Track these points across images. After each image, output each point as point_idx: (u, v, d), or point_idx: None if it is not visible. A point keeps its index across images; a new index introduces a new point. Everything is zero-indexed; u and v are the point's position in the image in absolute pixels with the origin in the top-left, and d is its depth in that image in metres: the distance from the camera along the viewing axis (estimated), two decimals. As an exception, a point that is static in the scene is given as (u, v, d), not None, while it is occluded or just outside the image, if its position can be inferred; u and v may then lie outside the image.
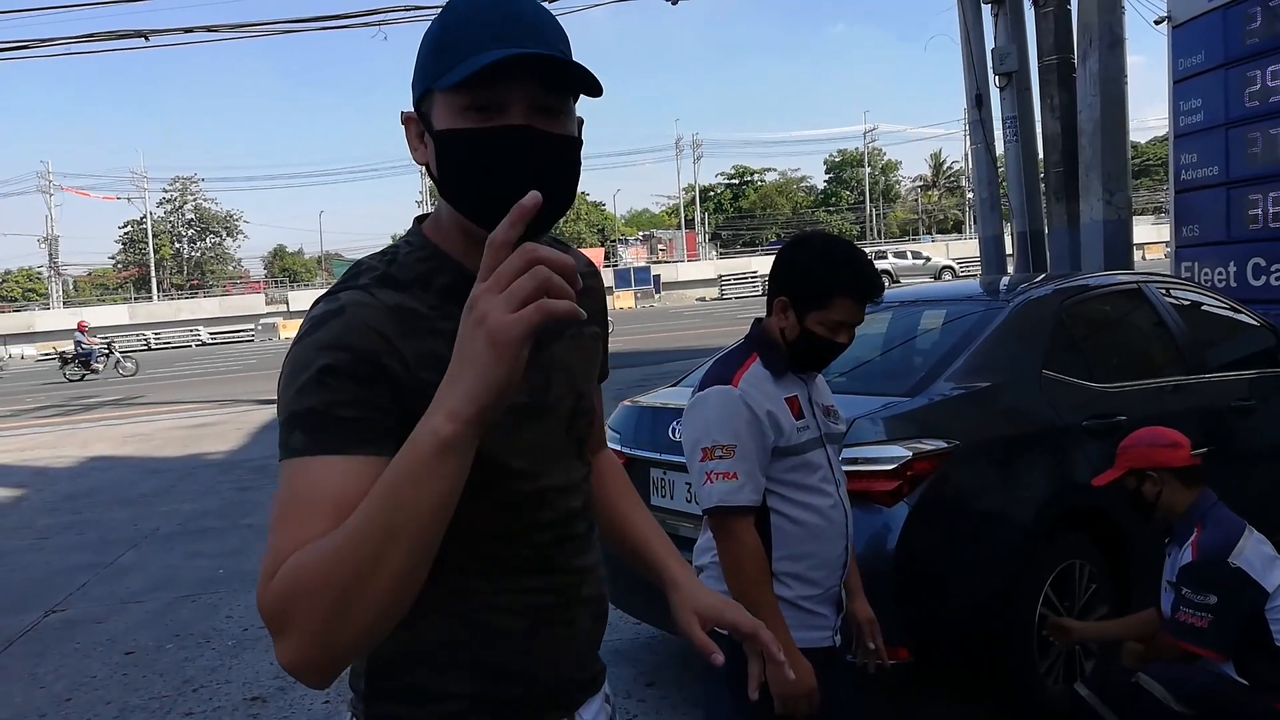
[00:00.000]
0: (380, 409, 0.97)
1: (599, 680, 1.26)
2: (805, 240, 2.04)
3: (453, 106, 1.00)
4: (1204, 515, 2.72)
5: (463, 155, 1.01)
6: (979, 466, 3.12)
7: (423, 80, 1.03)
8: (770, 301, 2.03)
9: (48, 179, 59.92)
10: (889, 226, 75.06)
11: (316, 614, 0.86)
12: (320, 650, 0.88)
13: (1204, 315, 4.48)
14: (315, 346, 0.98)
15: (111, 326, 47.20)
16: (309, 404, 0.96)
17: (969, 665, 3.13)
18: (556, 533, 1.14)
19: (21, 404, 19.87)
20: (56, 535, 7.31)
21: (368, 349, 0.98)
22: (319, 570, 0.87)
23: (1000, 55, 9.75)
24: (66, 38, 13.22)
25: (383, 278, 1.05)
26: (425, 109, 1.04)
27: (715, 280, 48.22)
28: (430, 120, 1.03)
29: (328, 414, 0.95)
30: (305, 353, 0.98)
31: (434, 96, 1.02)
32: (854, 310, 1.94)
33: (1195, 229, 7.28)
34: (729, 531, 1.90)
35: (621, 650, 4.17)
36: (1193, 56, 7.14)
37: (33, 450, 12.31)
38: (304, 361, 0.97)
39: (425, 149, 1.06)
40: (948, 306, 4.02)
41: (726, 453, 1.90)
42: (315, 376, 0.96)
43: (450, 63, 0.99)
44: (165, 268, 68.70)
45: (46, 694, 4.20)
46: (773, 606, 1.88)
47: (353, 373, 0.97)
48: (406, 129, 1.07)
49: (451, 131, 1.00)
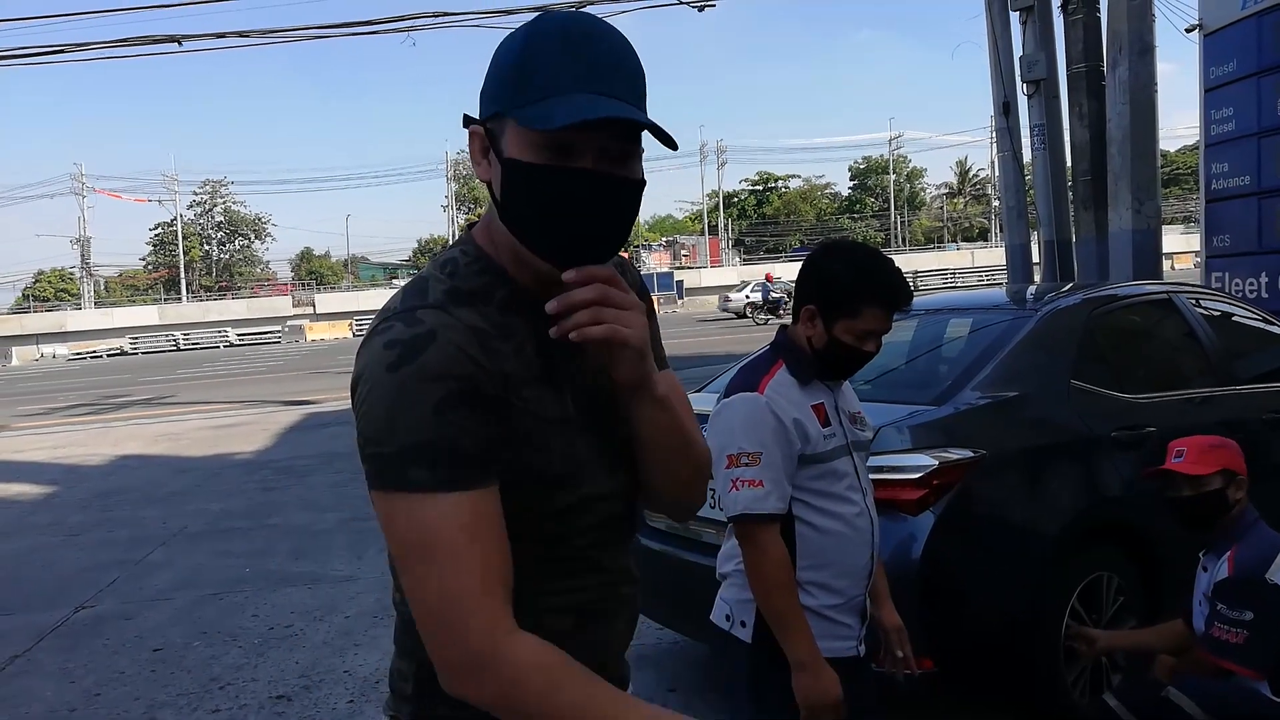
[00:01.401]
0: (489, 438, 1.00)
1: (625, 683, 1.26)
2: (833, 248, 2.04)
3: (527, 140, 1.00)
4: (1245, 530, 2.68)
5: (530, 189, 1.01)
6: (1006, 477, 3.10)
7: (498, 101, 1.02)
8: (797, 309, 2.02)
9: (81, 181, 60.92)
10: (914, 234, 74.63)
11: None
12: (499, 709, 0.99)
13: (1235, 326, 4.43)
14: (421, 378, 0.97)
15: (141, 327, 47.88)
16: (427, 437, 0.96)
17: (994, 676, 3.11)
18: (598, 536, 1.15)
19: (54, 402, 20.17)
20: (87, 532, 7.42)
21: (470, 375, 0.99)
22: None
23: (1029, 63, 9.67)
24: (101, 42, 13.42)
25: (452, 293, 1.05)
26: (494, 128, 1.03)
27: (738, 286, 48.12)
28: (499, 142, 1.03)
29: (452, 449, 0.97)
30: (410, 383, 0.97)
31: (507, 122, 1.01)
32: (882, 319, 1.94)
33: (1226, 239, 7.20)
34: (754, 539, 1.90)
35: (645, 656, 4.18)
36: (1225, 64, 7.06)
37: (65, 448, 12.49)
38: (411, 392, 0.96)
39: (488, 166, 1.05)
40: (974, 315, 4.00)
41: (752, 460, 1.89)
42: (432, 411, 0.96)
43: (533, 96, 0.99)
44: (194, 269, 69.51)
45: (77, 689, 4.27)
46: (798, 614, 1.87)
47: (467, 402, 0.98)
48: (471, 140, 1.06)
49: (524, 165, 1.00)
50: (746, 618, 1.96)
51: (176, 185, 64.31)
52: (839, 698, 1.83)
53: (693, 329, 28.85)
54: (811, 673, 1.83)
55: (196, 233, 71.72)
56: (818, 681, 1.83)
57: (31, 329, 49.63)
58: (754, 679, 1.96)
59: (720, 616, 2.04)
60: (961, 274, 47.66)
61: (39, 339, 48.53)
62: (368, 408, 0.99)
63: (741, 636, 1.97)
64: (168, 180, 63.95)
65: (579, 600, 1.14)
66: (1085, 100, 8.92)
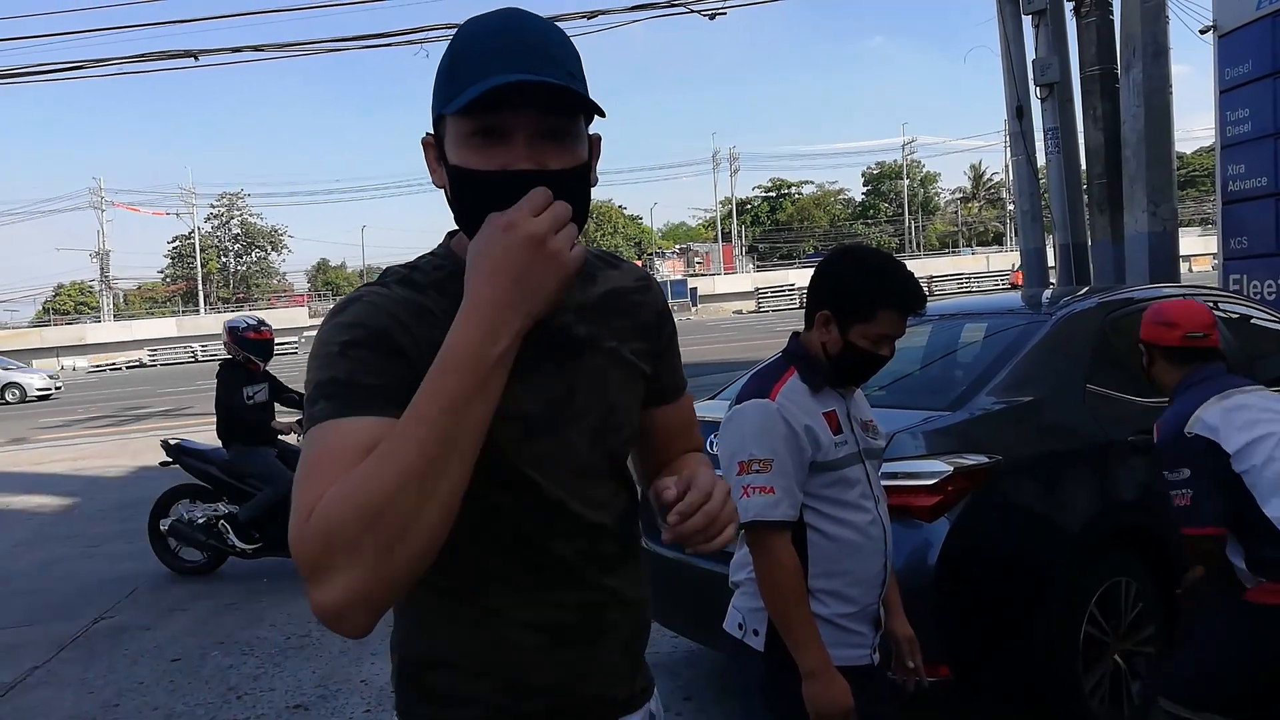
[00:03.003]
0: (398, 378, 0.98)
1: (639, 699, 1.23)
2: (847, 253, 2.04)
3: (460, 132, 1.02)
4: (1178, 395, 2.71)
5: (471, 193, 1.03)
6: (1021, 482, 3.08)
7: (436, 105, 1.06)
8: (810, 315, 2.02)
9: (100, 195, 61.50)
10: (928, 239, 74.39)
11: (370, 538, 0.86)
12: (373, 582, 0.87)
13: (1253, 329, 4.39)
14: (335, 327, 1.03)
15: (160, 339, 48.25)
16: (332, 374, 0.99)
17: (1011, 684, 3.09)
18: (579, 546, 1.13)
19: (74, 414, 20.34)
20: (107, 543, 7.47)
21: (383, 326, 1.02)
22: (371, 489, 0.87)
23: (1042, 66, 9.64)
24: (119, 58, 13.58)
25: (402, 279, 1.11)
26: (440, 134, 1.07)
27: (752, 293, 48.14)
28: (444, 147, 1.06)
29: (350, 382, 0.98)
30: (326, 333, 1.04)
31: (446, 122, 1.04)
32: (897, 323, 1.94)
33: (1243, 241, 7.14)
34: (765, 547, 1.89)
35: (659, 664, 4.17)
36: (1240, 65, 7.02)
37: (85, 460, 12.60)
38: (325, 340, 1.03)
39: (442, 173, 1.07)
40: (989, 320, 3.98)
41: (764, 467, 1.88)
42: (337, 350, 1.01)
43: (457, 88, 1.00)
44: (212, 281, 70.05)
45: (96, 699, 4.30)
46: (808, 622, 1.87)
47: (372, 345, 1.01)
48: (426, 153, 1.09)
49: (461, 170, 1.02)
50: (759, 626, 1.96)
51: (194, 198, 64.93)
52: (849, 707, 1.82)
53: (705, 336, 28.82)
54: (822, 681, 1.83)
55: (214, 245, 72.28)
56: (828, 690, 1.82)
57: (52, 342, 50.11)
58: (767, 687, 1.95)
59: (733, 625, 2.04)
60: (976, 278, 47.46)
61: (59, 352, 48.98)
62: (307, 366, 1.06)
63: (754, 645, 1.96)
64: (185, 193, 64.56)
65: (554, 618, 1.12)
66: (1099, 103, 8.88)
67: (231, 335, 6.28)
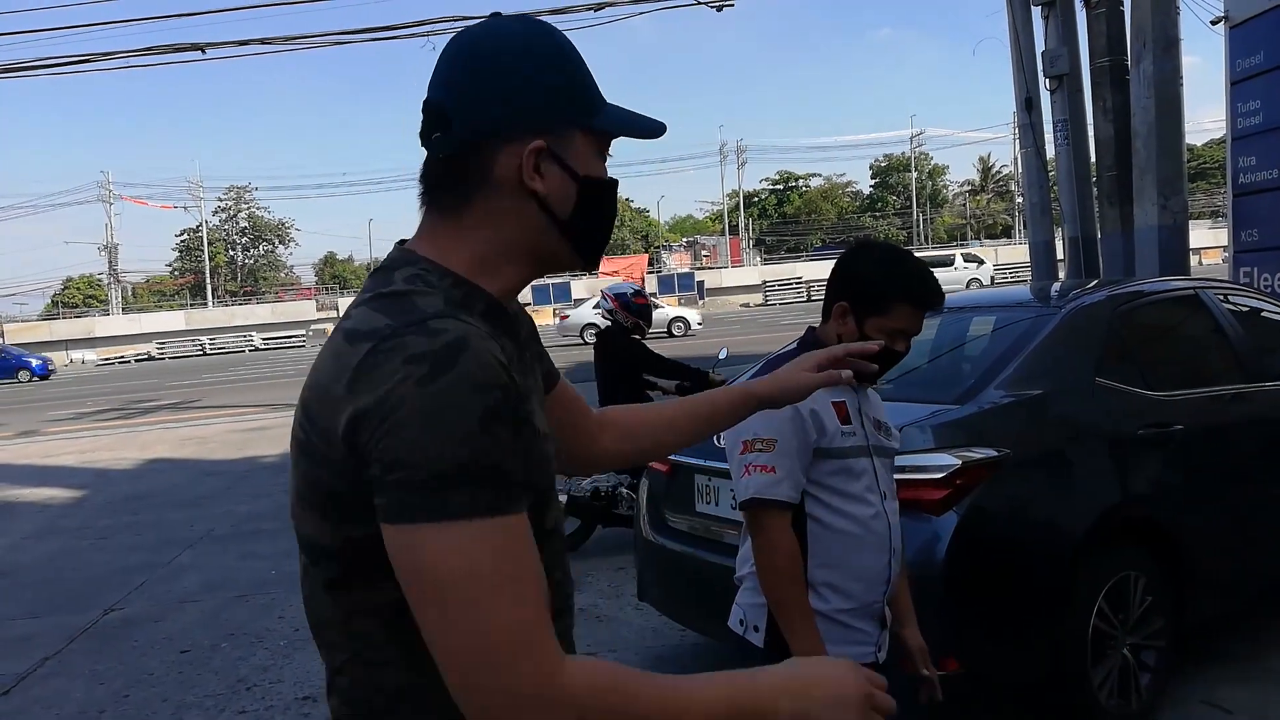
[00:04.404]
0: (524, 456, 0.92)
1: None
2: (868, 247, 2.05)
3: (594, 150, 1.06)
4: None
5: (604, 204, 1.08)
6: (1030, 476, 3.07)
7: (562, 112, 1.03)
8: (828, 306, 2.02)
9: (108, 188, 61.69)
10: (936, 231, 74.15)
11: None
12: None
13: (1264, 322, 4.36)
14: (464, 389, 0.86)
15: (168, 332, 48.46)
16: (470, 457, 0.85)
17: (1020, 677, 3.09)
18: (557, 547, 1.09)
19: (83, 407, 20.44)
20: (116, 535, 7.51)
21: (505, 385, 0.89)
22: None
23: (1051, 58, 9.58)
24: (126, 51, 13.60)
25: (449, 301, 0.97)
26: (555, 143, 1.02)
27: (759, 286, 48.05)
28: (563, 156, 1.03)
29: (497, 468, 0.87)
30: (451, 396, 0.85)
31: (574, 135, 1.04)
32: (913, 318, 1.94)
33: (1254, 233, 7.10)
34: (763, 527, 1.89)
35: (666, 657, 4.18)
36: (1251, 56, 6.97)
37: (94, 452, 12.67)
38: (454, 406, 0.85)
39: (542, 180, 1.02)
40: (998, 313, 3.97)
41: (767, 446, 1.89)
42: (477, 426, 0.85)
43: (598, 105, 1.05)
44: (220, 275, 70.25)
45: (106, 690, 4.32)
46: (803, 607, 1.86)
47: (508, 417, 0.89)
48: (518, 155, 1.01)
49: (601, 182, 1.07)
50: (759, 622, 1.95)
51: (202, 191, 65.07)
52: None
53: (712, 329, 28.81)
54: None
55: (222, 238, 72.47)
56: None
57: (61, 335, 50.38)
58: None
59: (735, 621, 2.04)
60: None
61: (68, 345, 49.24)
62: (395, 432, 0.85)
63: (754, 641, 1.96)
64: (193, 187, 64.72)
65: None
66: (1109, 95, 8.83)
67: (621, 301, 6.07)
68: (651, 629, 4.47)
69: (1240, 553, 3.62)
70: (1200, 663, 3.61)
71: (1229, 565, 3.59)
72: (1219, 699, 3.38)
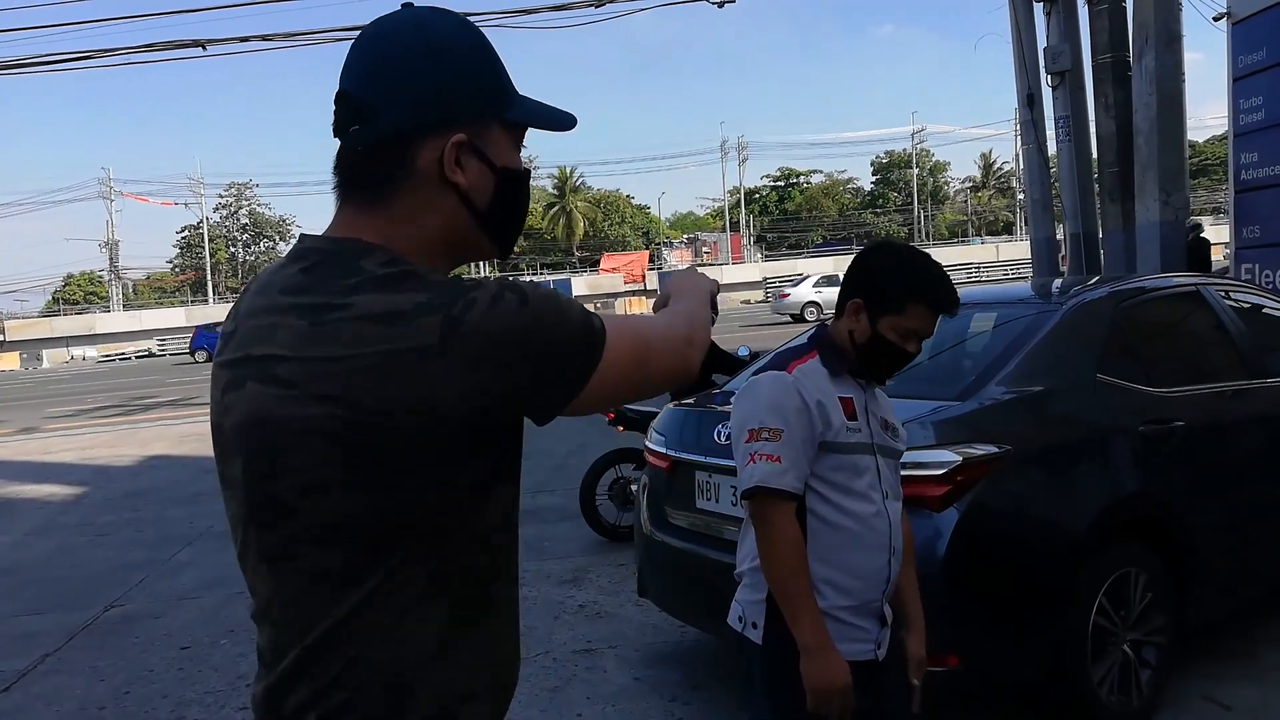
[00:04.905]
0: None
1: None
2: (885, 246, 2.06)
3: (510, 142, 1.10)
4: None
5: (521, 195, 1.13)
6: (1031, 472, 3.07)
7: (481, 105, 1.07)
8: (842, 303, 2.02)
9: (108, 185, 61.63)
10: (937, 228, 74.10)
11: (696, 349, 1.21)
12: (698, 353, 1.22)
13: (1265, 319, 4.35)
14: (545, 293, 1.04)
15: (169, 329, 48.47)
16: (582, 306, 1.08)
17: (1020, 674, 3.08)
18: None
19: (84, 404, 20.45)
20: (116, 532, 7.51)
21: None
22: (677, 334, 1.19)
23: (1053, 54, 9.58)
24: (127, 48, 13.61)
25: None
26: (477, 137, 1.06)
27: (760, 283, 48.03)
28: (483, 149, 1.07)
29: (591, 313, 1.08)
30: (544, 293, 1.03)
31: (492, 128, 1.08)
32: (927, 319, 1.94)
33: (1256, 230, 7.09)
34: (767, 517, 1.88)
35: (666, 654, 4.17)
36: (1254, 53, 6.95)
37: (94, 449, 12.67)
38: (546, 295, 1.03)
39: (463, 173, 1.06)
40: (999, 309, 3.96)
41: (773, 435, 1.88)
42: (565, 300, 1.04)
43: (514, 98, 1.10)
44: (220, 271, 70.25)
45: (107, 687, 4.32)
46: (807, 598, 1.85)
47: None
48: (440, 149, 1.04)
49: (519, 172, 1.11)
50: (758, 619, 1.95)
51: (202, 188, 64.97)
52: (847, 684, 1.81)
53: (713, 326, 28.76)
54: (818, 657, 1.82)
55: (222, 235, 72.46)
56: (824, 665, 1.81)
57: (61, 331, 50.38)
58: (767, 680, 1.94)
59: (734, 618, 2.03)
60: (986, 268, 47.26)
61: (69, 341, 49.25)
62: (548, 337, 1.00)
63: (753, 638, 1.96)
64: (194, 183, 64.61)
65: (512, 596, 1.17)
66: (1111, 91, 8.82)
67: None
68: (652, 625, 4.47)
69: (1241, 550, 3.61)
70: (1201, 659, 3.61)
71: (1230, 562, 3.58)
72: (1219, 695, 3.38)
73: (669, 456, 3.69)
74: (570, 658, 4.17)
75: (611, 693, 3.79)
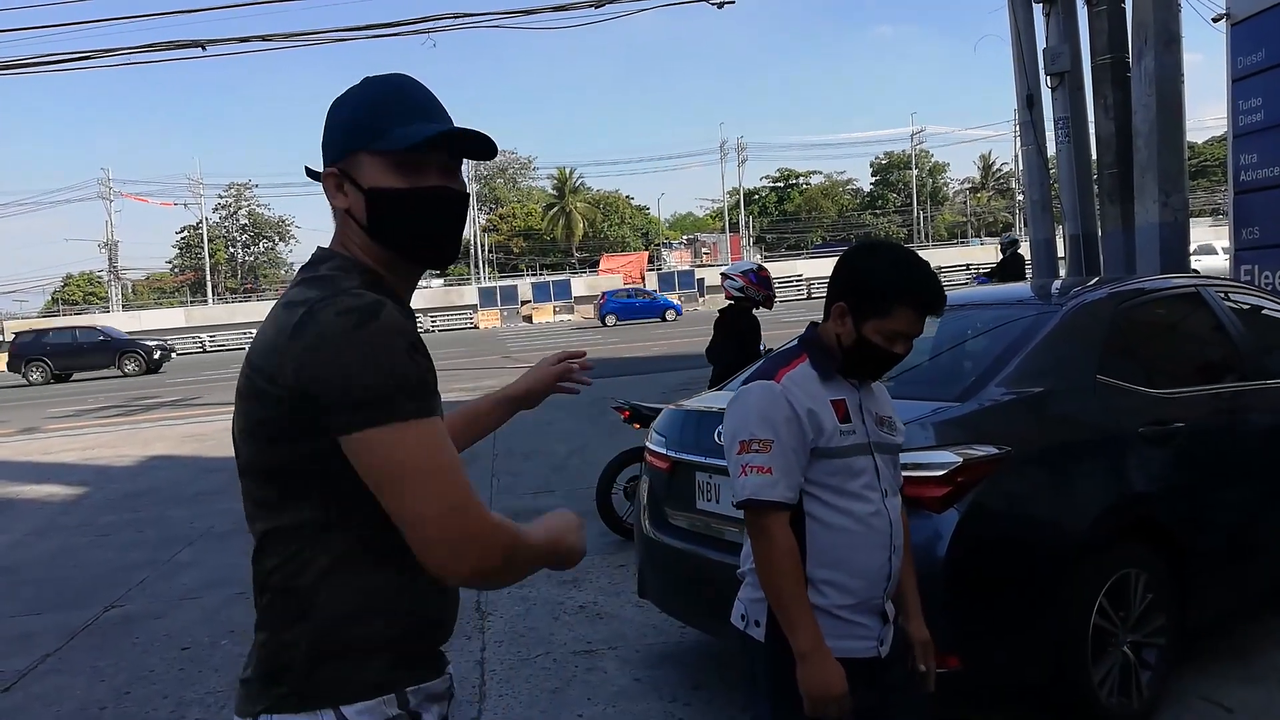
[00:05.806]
0: (434, 379, 1.22)
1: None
2: (870, 248, 2.02)
3: (381, 166, 1.26)
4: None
5: (406, 209, 1.27)
6: (1031, 473, 3.07)
7: (349, 142, 1.28)
8: (829, 306, 2.01)
9: (108, 185, 61.62)
10: (936, 229, 74.10)
11: (511, 573, 1.26)
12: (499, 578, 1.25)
13: (1265, 320, 4.36)
14: (387, 331, 1.16)
15: (169, 329, 48.41)
16: (407, 376, 1.15)
17: (1020, 675, 3.08)
18: None
19: (84, 404, 20.44)
20: (117, 533, 7.51)
21: (413, 331, 1.20)
22: (519, 557, 1.25)
23: (1052, 55, 9.58)
24: (126, 48, 13.62)
25: (365, 284, 1.25)
26: (346, 167, 1.29)
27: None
28: (355, 177, 1.28)
29: (423, 382, 1.17)
30: (381, 336, 1.15)
31: (360, 158, 1.27)
32: (913, 321, 1.92)
33: (1255, 231, 7.10)
34: (761, 527, 1.89)
35: (667, 654, 4.18)
36: (1253, 54, 6.96)
37: (95, 449, 12.66)
38: (385, 343, 1.15)
39: (345, 197, 1.30)
40: (999, 310, 3.96)
41: (763, 447, 1.88)
42: (405, 355, 1.16)
43: (382, 130, 1.26)
44: (220, 272, 70.28)
45: (107, 687, 4.32)
46: (802, 605, 1.86)
47: (420, 350, 1.19)
48: (326, 181, 1.31)
49: (391, 191, 1.26)
50: (760, 617, 1.95)
51: (202, 189, 64.97)
52: (843, 692, 1.82)
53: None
54: (814, 664, 1.82)
55: (222, 236, 72.50)
56: (820, 672, 1.82)
57: (61, 332, 50.24)
58: (769, 678, 1.95)
59: (736, 617, 2.04)
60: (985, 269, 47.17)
61: (69, 342, 49.11)
62: (335, 363, 1.14)
63: (756, 636, 1.96)
64: (193, 184, 64.64)
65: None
66: (1110, 92, 8.83)
67: (752, 278, 6.05)
68: (652, 626, 4.47)
69: (1242, 550, 3.61)
70: (1201, 660, 3.61)
71: (1230, 563, 3.58)
72: (1220, 697, 3.38)
73: (669, 457, 3.70)
74: (570, 658, 4.17)
75: (612, 693, 3.79)
